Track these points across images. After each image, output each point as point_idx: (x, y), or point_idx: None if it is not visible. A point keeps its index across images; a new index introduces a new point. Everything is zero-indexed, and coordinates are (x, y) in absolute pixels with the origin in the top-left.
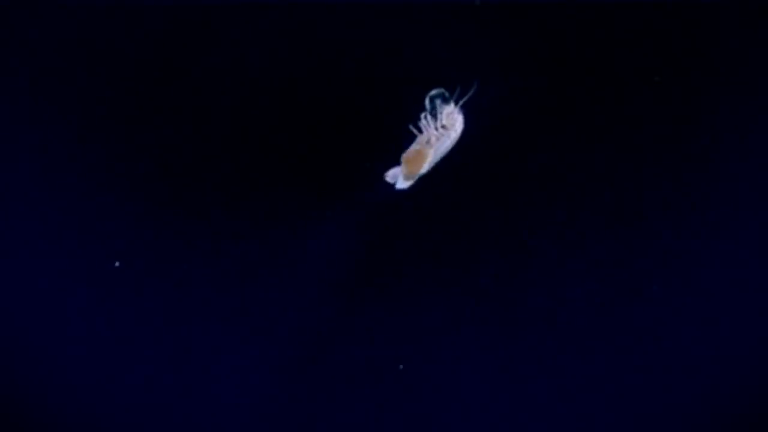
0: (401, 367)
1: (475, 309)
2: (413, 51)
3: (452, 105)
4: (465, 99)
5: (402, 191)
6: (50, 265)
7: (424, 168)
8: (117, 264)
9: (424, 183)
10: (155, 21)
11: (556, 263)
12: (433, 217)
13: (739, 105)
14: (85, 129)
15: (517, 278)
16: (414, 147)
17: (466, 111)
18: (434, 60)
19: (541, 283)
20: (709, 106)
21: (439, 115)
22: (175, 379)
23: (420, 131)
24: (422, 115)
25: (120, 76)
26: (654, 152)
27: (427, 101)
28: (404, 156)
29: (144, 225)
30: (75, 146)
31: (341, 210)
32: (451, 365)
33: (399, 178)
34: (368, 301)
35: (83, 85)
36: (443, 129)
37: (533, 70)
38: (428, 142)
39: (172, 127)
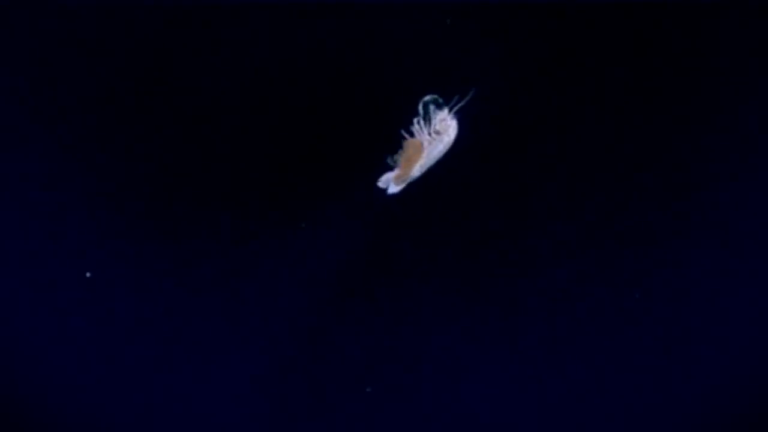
0: (369, 389)
1: (469, 310)
2: (409, 54)
3: (445, 111)
4: (459, 106)
5: (394, 195)
6: (45, 264)
7: (415, 172)
8: (88, 275)
9: (416, 188)
10: (155, 21)
11: (552, 267)
12: (425, 221)
13: (738, 105)
14: (85, 129)
15: (513, 281)
16: (405, 151)
17: (461, 116)
18: (429, 64)
19: (537, 285)
20: (709, 106)
21: (432, 121)
22: (171, 380)
23: (413, 136)
24: (415, 120)
25: (118, 77)
26: (653, 154)
27: (420, 106)
28: (398, 162)
29: (143, 225)
30: (75, 145)
31: (332, 213)
32: (446, 365)
33: (391, 182)
34: (362, 302)
35: (82, 85)
36: (436, 134)
37: (529, 75)
38: (420, 146)
39: (167, 127)
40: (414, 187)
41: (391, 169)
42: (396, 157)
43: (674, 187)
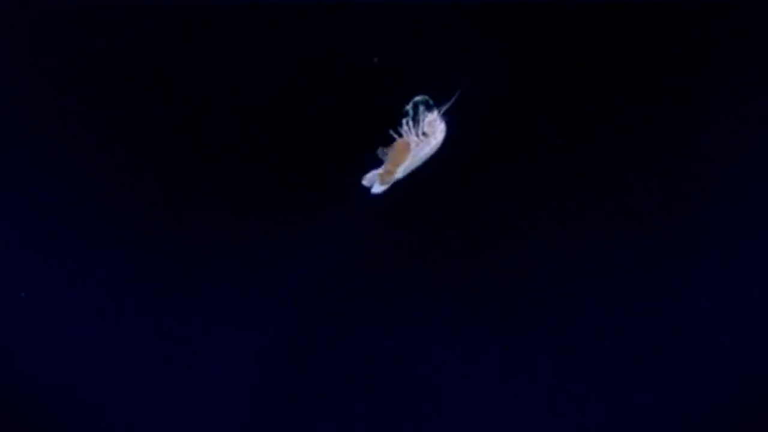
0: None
1: (453, 313)
2: (401, 54)
3: (435, 113)
4: (446, 107)
5: (377, 195)
6: (44, 264)
7: (400, 173)
8: (23, 294)
9: (400, 187)
10: (155, 21)
11: (538, 268)
12: (408, 221)
13: (738, 105)
14: (85, 129)
15: (497, 283)
16: (392, 151)
17: (451, 118)
18: (421, 64)
19: (526, 287)
20: (709, 107)
21: (420, 122)
22: (168, 380)
23: (401, 137)
24: (404, 121)
25: (115, 77)
26: (653, 155)
27: (410, 107)
28: (384, 165)
29: (140, 225)
30: (73, 145)
31: (317, 212)
32: (441, 365)
33: (375, 182)
34: (343, 301)
35: (79, 86)
36: (424, 136)
37: (519, 78)
38: (408, 147)
39: (161, 128)
40: (398, 186)
41: (378, 163)
42: (386, 150)
43: (674, 187)
